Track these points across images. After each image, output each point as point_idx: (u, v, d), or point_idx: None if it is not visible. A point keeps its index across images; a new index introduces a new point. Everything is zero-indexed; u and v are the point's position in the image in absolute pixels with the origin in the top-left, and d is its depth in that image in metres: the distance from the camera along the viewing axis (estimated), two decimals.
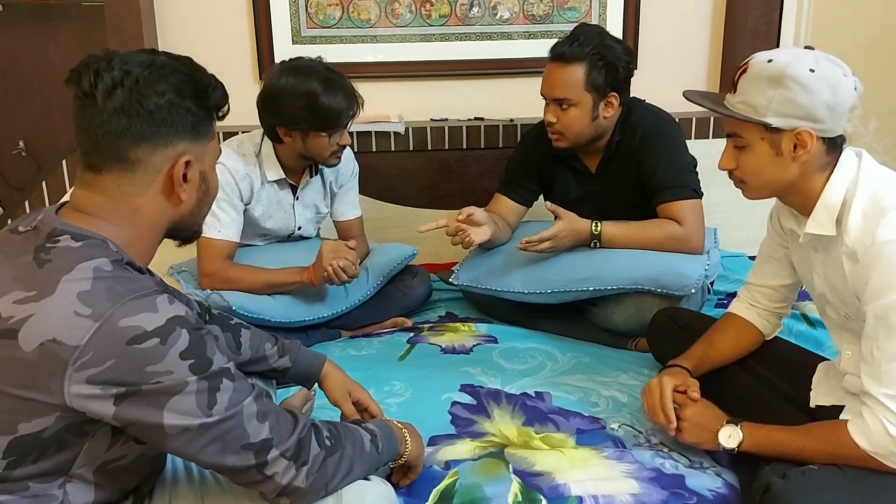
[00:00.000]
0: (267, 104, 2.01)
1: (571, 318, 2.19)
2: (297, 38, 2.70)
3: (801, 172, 1.36)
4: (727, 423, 1.45)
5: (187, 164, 1.09)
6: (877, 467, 1.27)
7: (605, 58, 2.00)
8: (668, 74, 2.86)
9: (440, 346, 2.06)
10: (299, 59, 2.03)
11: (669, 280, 1.99)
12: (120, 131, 1.03)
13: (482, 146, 2.71)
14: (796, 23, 2.75)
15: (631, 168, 2.12)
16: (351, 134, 2.54)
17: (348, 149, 2.27)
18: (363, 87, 2.07)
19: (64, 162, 2.60)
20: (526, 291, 2.11)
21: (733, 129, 1.40)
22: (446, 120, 2.75)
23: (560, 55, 2.03)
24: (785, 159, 1.35)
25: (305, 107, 1.95)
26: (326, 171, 2.21)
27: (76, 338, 0.94)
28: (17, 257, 1.01)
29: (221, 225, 2.02)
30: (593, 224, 2.06)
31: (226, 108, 1.16)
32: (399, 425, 1.35)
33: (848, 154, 1.38)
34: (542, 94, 2.10)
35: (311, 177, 2.18)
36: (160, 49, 1.12)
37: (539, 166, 2.24)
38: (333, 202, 2.27)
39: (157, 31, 2.62)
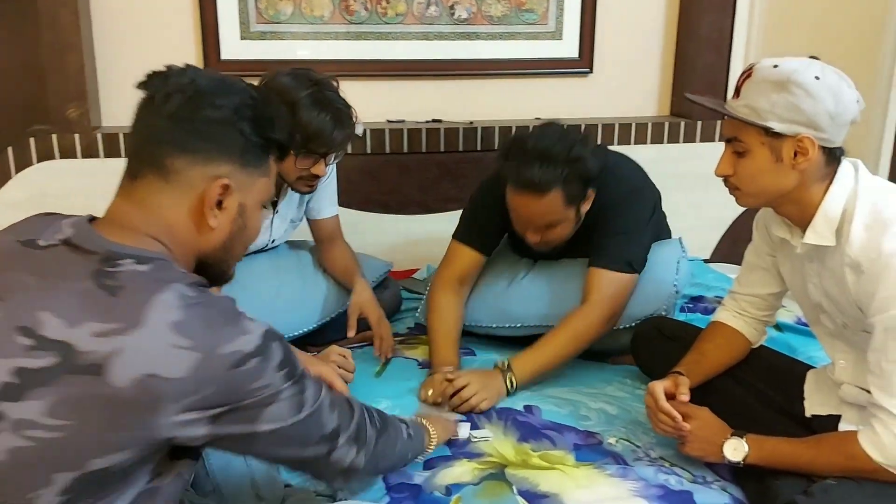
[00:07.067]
0: None
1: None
2: (245, 34, 2.56)
3: (799, 181, 1.36)
4: (732, 435, 1.44)
5: (225, 188, 1.00)
6: (889, 479, 1.28)
7: (578, 172, 1.80)
8: (624, 77, 2.87)
9: (417, 360, 1.98)
10: (314, 71, 1.86)
11: (641, 311, 1.97)
12: (165, 135, 0.99)
13: (442, 149, 2.64)
14: (748, 29, 2.80)
15: (591, 225, 1.96)
16: None
17: None
18: None
19: None
20: (494, 325, 2.07)
21: (733, 133, 1.39)
22: (403, 122, 2.66)
23: (531, 186, 1.78)
24: (784, 166, 1.35)
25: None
26: None
27: (178, 370, 0.88)
28: (71, 281, 0.90)
29: None
30: (507, 378, 1.81)
31: (290, 147, 1.12)
32: (423, 422, 1.47)
33: (846, 165, 1.39)
34: (517, 220, 1.91)
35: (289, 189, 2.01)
36: (95, 46, 1.03)
37: (503, 216, 1.97)
38: (310, 200, 2.10)
39: (93, 25, 2.43)
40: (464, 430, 1.63)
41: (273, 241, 2.09)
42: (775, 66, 1.33)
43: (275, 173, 1.10)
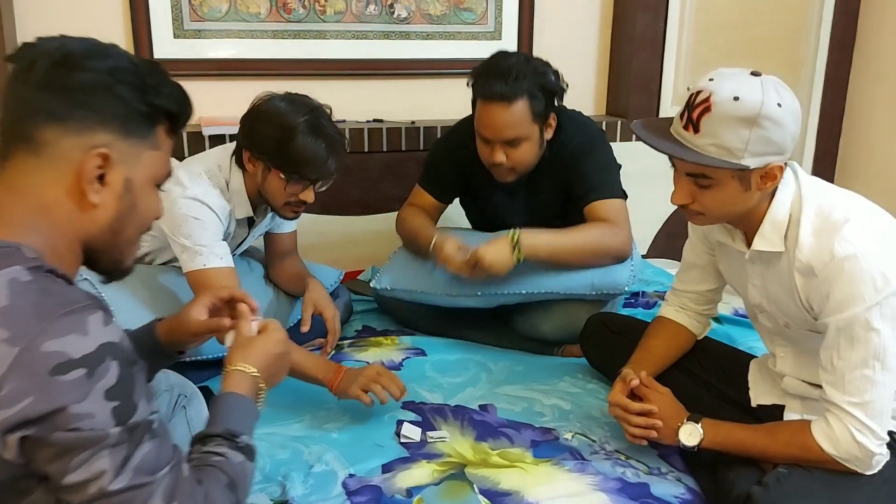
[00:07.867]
0: (245, 121, 1.79)
1: (494, 326, 2.15)
2: (179, 32, 2.48)
3: (759, 198, 1.37)
4: (687, 420, 1.46)
5: (104, 158, 0.90)
6: (838, 469, 1.32)
7: (544, 86, 1.94)
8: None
9: (367, 363, 1.94)
10: (310, 98, 1.82)
11: (604, 284, 2.00)
12: (33, 106, 0.88)
13: (384, 149, 2.62)
14: (679, 30, 2.87)
15: (560, 179, 2.06)
16: None
17: None
18: (254, 86, 1.92)
19: None
20: (455, 294, 2.03)
21: (699, 170, 1.34)
22: (344, 121, 2.63)
23: (501, 95, 1.90)
24: (752, 191, 1.35)
25: (277, 138, 1.73)
26: None
27: None
28: None
29: (223, 252, 1.77)
30: (512, 237, 1.92)
31: (182, 117, 0.98)
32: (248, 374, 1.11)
33: (786, 170, 1.40)
34: (486, 137, 1.97)
35: (271, 211, 1.95)
36: (18, 42, 0.94)
37: (464, 169, 2.13)
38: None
39: (16, 20, 2.31)
40: (415, 433, 1.63)
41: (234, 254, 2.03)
42: (736, 99, 1.27)
43: (169, 147, 0.99)
